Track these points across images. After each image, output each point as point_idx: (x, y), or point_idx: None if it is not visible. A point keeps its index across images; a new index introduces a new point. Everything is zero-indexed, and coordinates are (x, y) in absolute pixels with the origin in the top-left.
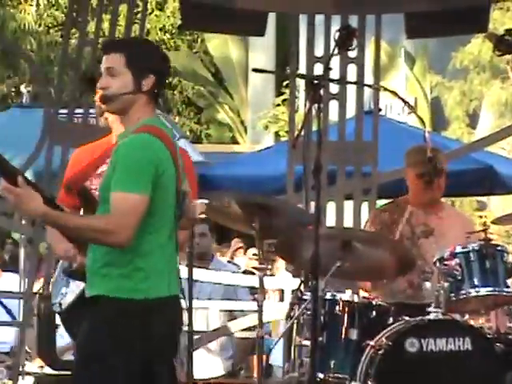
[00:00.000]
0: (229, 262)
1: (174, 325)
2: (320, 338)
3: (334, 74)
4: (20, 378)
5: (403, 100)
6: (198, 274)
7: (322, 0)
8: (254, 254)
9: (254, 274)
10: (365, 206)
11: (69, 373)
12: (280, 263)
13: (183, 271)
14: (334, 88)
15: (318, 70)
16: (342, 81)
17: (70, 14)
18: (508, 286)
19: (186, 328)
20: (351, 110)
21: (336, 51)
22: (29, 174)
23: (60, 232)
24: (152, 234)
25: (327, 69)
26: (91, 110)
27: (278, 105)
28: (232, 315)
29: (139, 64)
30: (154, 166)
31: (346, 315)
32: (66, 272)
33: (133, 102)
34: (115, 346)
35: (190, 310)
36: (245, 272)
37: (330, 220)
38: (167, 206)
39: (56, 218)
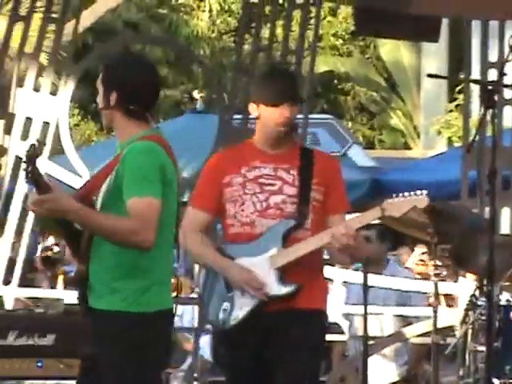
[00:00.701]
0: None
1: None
2: (495, 344)
3: (508, 79)
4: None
5: None
6: (373, 279)
7: (495, 6)
8: (421, 260)
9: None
10: None
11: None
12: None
13: (358, 277)
14: (508, 93)
15: (492, 75)
16: None
17: (244, 20)
18: None
19: (360, 334)
20: None
21: (510, 57)
22: None
23: (85, 229)
24: (160, 245)
25: (501, 74)
26: None
27: (451, 110)
28: (406, 321)
29: (105, 80)
30: (161, 172)
31: None
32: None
33: (111, 118)
34: (129, 358)
35: (364, 316)
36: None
37: (505, 225)
38: (170, 215)
39: (88, 214)
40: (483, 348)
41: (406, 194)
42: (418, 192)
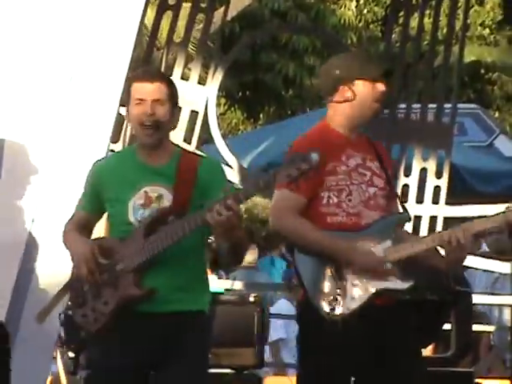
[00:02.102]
0: None
1: None
2: None
3: None
4: None
5: None
6: None
7: None
8: None
9: None
10: None
11: None
12: None
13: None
14: None
15: None
16: None
17: (393, 10)
18: None
19: (508, 325)
20: None
21: None
22: None
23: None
24: None
25: None
26: (414, 105)
27: None
28: None
29: (174, 96)
30: None
31: None
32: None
33: (166, 135)
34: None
35: None
36: None
37: None
38: None
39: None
40: None
41: None
42: None
